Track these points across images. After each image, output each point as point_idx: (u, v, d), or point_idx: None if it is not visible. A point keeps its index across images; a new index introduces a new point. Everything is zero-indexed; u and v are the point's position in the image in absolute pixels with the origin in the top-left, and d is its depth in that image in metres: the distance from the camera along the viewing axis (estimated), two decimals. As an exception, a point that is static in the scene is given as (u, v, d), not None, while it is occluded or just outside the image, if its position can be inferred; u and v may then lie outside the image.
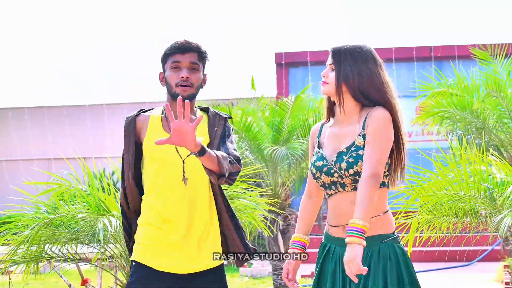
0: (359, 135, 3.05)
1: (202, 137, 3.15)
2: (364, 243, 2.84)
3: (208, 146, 3.15)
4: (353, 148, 3.05)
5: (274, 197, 8.63)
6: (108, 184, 5.25)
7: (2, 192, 18.91)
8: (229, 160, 3.07)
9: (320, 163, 3.12)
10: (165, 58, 3.19)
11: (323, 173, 3.10)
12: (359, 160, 3.01)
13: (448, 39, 32.43)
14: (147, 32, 35.08)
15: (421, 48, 17.39)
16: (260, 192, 6.67)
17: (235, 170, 3.11)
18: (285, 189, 9.10)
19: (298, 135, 8.81)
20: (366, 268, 2.83)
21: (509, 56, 7.87)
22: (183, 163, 3.11)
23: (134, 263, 3.17)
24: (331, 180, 3.09)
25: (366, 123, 3.03)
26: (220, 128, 3.22)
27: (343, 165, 3.04)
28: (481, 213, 4.71)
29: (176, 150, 3.12)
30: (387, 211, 3.07)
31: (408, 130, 16.87)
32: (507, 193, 4.38)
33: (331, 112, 3.23)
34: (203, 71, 3.22)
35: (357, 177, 3.03)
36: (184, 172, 3.11)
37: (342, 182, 3.07)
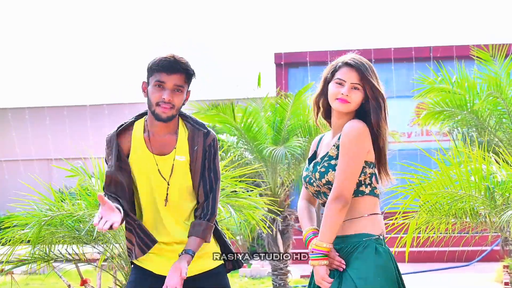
0: (334, 145, 3.12)
1: (184, 156, 3.15)
2: (325, 262, 3.01)
3: (190, 165, 3.16)
4: (326, 158, 3.13)
5: (274, 197, 8.64)
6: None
7: (2, 192, 18.91)
8: (209, 228, 3.14)
9: (305, 174, 3.22)
10: (150, 71, 3.11)
11: (307, 184, 3.20)
12: (329, 170, 3.08)
13: (448, 39, 32.45)
14: (148, 32, 35.08)
15: (420, 48, 17.39)
16: (260, 192, 6.67)
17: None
18: (285, 189, 9.11)
19: (298, 135, 8.82)
20: (331, 280, 3.01)
21: (509, 57, 7.88)
22: (168, 184, 3.14)
23: (133, 265, 3.23)
24: (315, 190, 3.17)
25: (341, 136, 3.09)
26: (200, 147, 3.17)
27: (317, 175, 3.13)
28: (480, 213, 4.72)
29: (159, 172, 3.13)
30: (373, 214, 3.10)
31: (407, 130, 16.87)
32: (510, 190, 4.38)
33: (328, 121, 3.28)
34: (187, 89, 3.15)
35: (331, 186, 3.08)
36: (167, 194, 3.14)
37: (321, 191, 3.14)
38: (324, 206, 3.19)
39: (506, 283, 8.85)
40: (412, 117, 15.24)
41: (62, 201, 5.21)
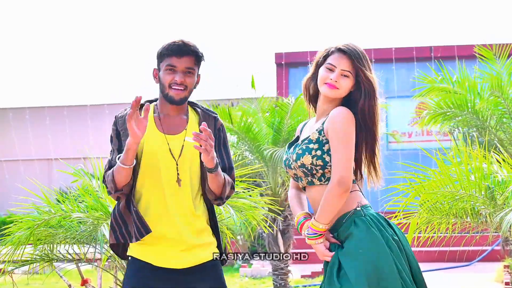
0: (317, 129, 3.11)
1: None
2: (321, 240, 3.03)
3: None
4: (305, 141, 3.12)
5: (274, 197, 8.64)
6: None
7: (2, 193, 18.91)
8: (231, 186, 3.18)
9: (285, 157, 3.23)
10: (161, 57, 3.18)
11: (286, 167, 3.21)
12: (306, 153, 3.08)
13: (448, 39, 32.44)
14: (148, 32, 35.09)
15: (421, 48, 17.40)
16: (260, 192, 6.66)
17: (231, 194, 3.24)
18: (285, 189, 9.10)
19: (298, 135, 8.82)
20: (332, 253, 3.05)
21: (511, 57, 7.88)
22: (177, 164, 3.14)
23: (130, 258, 3.22)
24: (294, 173, 3.17)
25: (326, 122, 3.08)
26: (211, 130, 3.20)
27: (294, 156, 3.13)
28: (481, 213, 4.71)
29: (170, 151, 3.15)
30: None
31: (408, 130, 16.87)
32: (510, 190, 4.37)
33: (313, 105, 3.28)
34: (198, 72, 3.22)
35: (305, 170, 3.09)
36: (178, 174, 3.14)
37: (298, 175, 3.15)
38: (305, 190, 3.21)
39: (506, 283, 8.84)
40: (413, 117, 15.24)
41: (60, 202, 5.21)
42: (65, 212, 5.02)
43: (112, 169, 3.10)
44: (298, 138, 3.27)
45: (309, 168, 3.07)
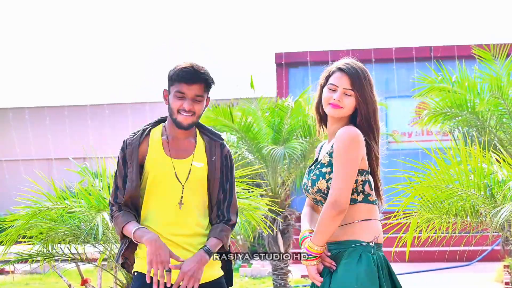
0: (327, 152, 3.11)
1: (202, 163, 3.21)
2: (315, 262, 3.05)
3: (208, 175, 3.22)
4: (318, 166, 3.13)
5: (274, 197, 8.64)
6: (109, 186, 5.28)
7: (2, 192, 18.91)
8: (226, 230, 3.22)
9: (303, 181, 3.23)
10: (171, 80, 3.17)
11: (306, 191, 3.21)
12: (320, 178, 3.09)
13: (448, 39, 32.43)
14: (148, 32, 35.09)
15: (421, 48, 17.39)
16: (260, 192, 6.66)
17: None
18: (285, 189, 9.11)
19: (298, 136, 8.82)
20: (321, 279, 3.05)
21: (510, 57, 7.88)
22: (183, 188, 3.17)
23: (136, 274, 3.22)
24: (312, 198, 3.18)
25: (334, 143, 3.08)
26: (218, 158, 3.25)
27: (309, 182, 3.14)
28: (480, 213, 4.72)
29: (176, 176, 3.17)
30: (366, 220, 3.08)
31: (408, 130, 16.87)
32: (509, 186, 4.37)
33: (323, 126, 3.28)
34: (207, 96, 3.22)
35: (322, 194, 3.09)
36: (182, 197, 3.16)
37: (317, 199, 3.15)
38: None
39: (506, 283, 8.85)
40: (413, 117, 15.24)
41: (63, 198, 5.22)
42: (68, 204, 5.04)
43: (122, 225, 3.16)
44: (317, 159, 3.26)
45: (325, 192, 3.08)
